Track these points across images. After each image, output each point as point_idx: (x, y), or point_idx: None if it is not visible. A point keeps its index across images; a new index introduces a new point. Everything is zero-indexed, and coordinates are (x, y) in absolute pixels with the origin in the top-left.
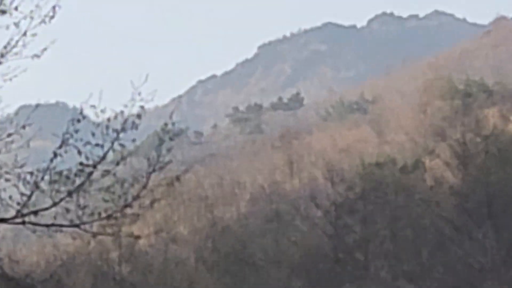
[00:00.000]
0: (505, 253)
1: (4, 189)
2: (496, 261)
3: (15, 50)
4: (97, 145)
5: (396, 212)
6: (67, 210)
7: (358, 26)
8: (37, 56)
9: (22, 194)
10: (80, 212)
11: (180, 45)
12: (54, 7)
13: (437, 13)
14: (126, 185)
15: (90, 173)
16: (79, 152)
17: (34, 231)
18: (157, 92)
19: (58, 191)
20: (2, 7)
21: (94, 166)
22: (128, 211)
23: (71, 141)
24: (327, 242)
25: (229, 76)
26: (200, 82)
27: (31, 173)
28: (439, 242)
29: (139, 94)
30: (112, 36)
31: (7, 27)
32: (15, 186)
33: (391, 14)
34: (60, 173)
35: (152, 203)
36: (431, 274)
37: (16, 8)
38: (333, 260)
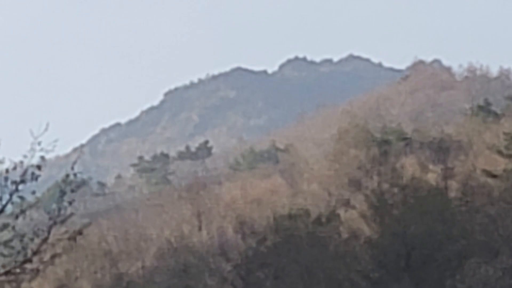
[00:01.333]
0: None
1: None
2: None
3: None
4: None
5: (310, 266)
6: None
7: (269, 71)
8: None
9: None
10: None
11: (82, 91)
12: None
13: (352, 57)
14: (25, 239)
15: None
16: None
17: None
18: (58, 142)
19: None
20: None
21: None
22: (28, 266)
23: None
24: None
25: (134, 124)
26: (103, 130)
27: None
28: None
29: (39, 143)
30: (10, 82)
31: None
32: None
33: (304, 59)
34: None
35: (53, 257)
36: None
37: None
38: None
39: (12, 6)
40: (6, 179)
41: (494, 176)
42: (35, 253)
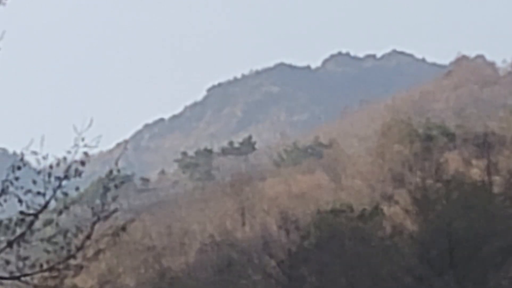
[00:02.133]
0: None
1: None
2: None
3: None
4: (38, 193)
5: (354, 261)
6: (7, 262)
7: (313, 66)
8: None
9: None
10: (20, 264)
11: (125, 87)
12: None
13: (395, 53)
14: (69, 235)
15: (31, 223)
16: (20, 201)
17: None
18: (101, 137)
19: None
20: None
21: (36, 215)
22: (72, 262)
23: (11, 189)
24: None
25: (177, 119)
26: (147, 126)
27: None
28: None
29: (83, 139)
30: (54, 79)
31: None
32: None
33: (347, 54)
34: (0, 222)
35: (96, 253)
36: None
37: None
38: None
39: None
40: (49, 175)
41: None
42: (78, 249)
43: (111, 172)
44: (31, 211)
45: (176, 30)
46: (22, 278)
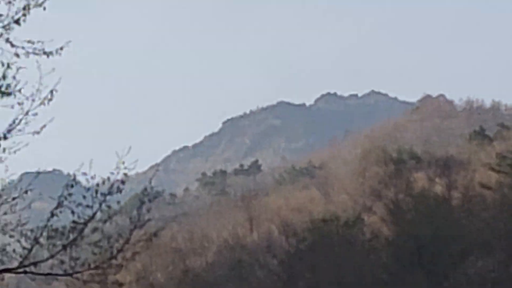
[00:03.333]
0: None
1: (9, 244)
2: None
3: (18, 127)
4: (87, 206)
5: (340, 261)
6: (62, 262)
7: (307, 104)
8: (37, 132)
9: (24, 248)
10: (72, 263)
11: (157, 119)
12: (51, 91)
13: (373, 92)
14: (111, 240)
15: (82, 230)
16: (72, 212)
17: (33, 279)
18: (137, 161)
19: (54, 245)
20: (8, 90)
21: (85, 224)
22: (113, 262)
23: (65, 203)
24: (282, 286)
25: (198, 147)
26: (174, 152)
27: (32, 230)
28: (377, 287)
29: (123, 163)
30: (101, 113)
31: (12, 107)
32: (18, 241)
33: (334, 94)
34: (56, 230)
35: (133, 255)
36: None
37: (19, 91)
38: None
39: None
40: (96, 191)
41: (488, 188)
42: (119, 251)
43: (145, 189)
44: (81, 221)
45: (197, 73)
46: (74, 275)
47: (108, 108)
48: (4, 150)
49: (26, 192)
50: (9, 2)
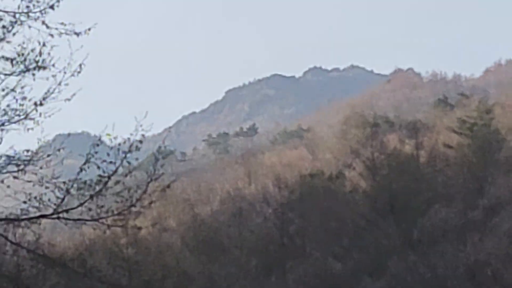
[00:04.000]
0: (403, 239)
1: (45, 194)
2: (397, 244)
3: (52, 95)
4: (110, 162)
5: (325, 209)
6: (89, 209)
7: (296, 76)
8: (68, 99)
9: (57, 198)
10: (98, 210)
11: (171, 89)
12: (80, 65)
13: (352, 66)
14: (131, 191)
15: (106, 183)
16: (98, 167)
17: (66, 224)
18: (153, 125)
19: (83, 195)
20: (44, 64)
21: (109, 178)
22: (133, 209)
23: (92, 159)
24: (275, 231)
25: (205, 112)
26: (184, 117)
27: (64, 183)
28: (356, 231)
29: (141, 125)
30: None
31: (47, 79)
32: (52, 192)
33: (320, 67)
34: (84, 182)
35: (150, 204)
36: (351, 254)
37: (53, 65)
38: (279, 244)
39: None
40: (118, 150)
41: (450, 147)
42: (137, 200)
43: (159, 148)
44: (106, 175)
45: (203, 49)
46: (100, 220)
47: (129, 79)
48: (40, 114)
49: (58, 150)
50: None
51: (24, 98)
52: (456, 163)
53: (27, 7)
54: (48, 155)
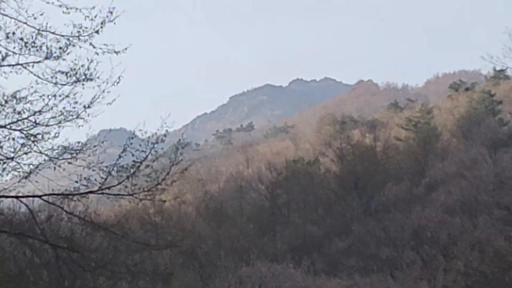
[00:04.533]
0: (363, 209)
1: (91, 175)
2: (359, 213)
3: (97, 100)
4: (142, 151)
5: (305, 187)
6: (126, 186)
7: (283, 86)
8: (109, 103)
9: (101, 178)
10: (133, 188)
11: (187, 95)
12: (119, 77)
13: (326, 78)
14: (158, 173)
15: (138, 166)
16: (132, 155)
17: (108, 198)
18: (174, 122)
19: (121, 176)
20: (91, 76)
21: (141, 163)
22: (159, 187)
23: (128, 149)
24: (267, 203)
25: (213, 113)
26: (198, 116)
27: (106, 167)
28: (328, 203)
29: (165, 123)
30: (151, 91)
31: (94, 88)
32: (98, 173)
33: (301, 79)
34: (122, 166)
35: (172, 182)
36: (324, 220)
37: (98, 77)
38: (270, 213)
39: None
40: (148, 141)
41: (400, 140)
42: (162, 180)
43: (179, 140)
44: (138, 161)
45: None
46: (134, 195)
47: (156, 86)
48: (88, 115)
49: (102, 142)
50: (91, 19)
51: (76, 103)
52: (404, 152)
53: (78, 32)
54: (94, 146)
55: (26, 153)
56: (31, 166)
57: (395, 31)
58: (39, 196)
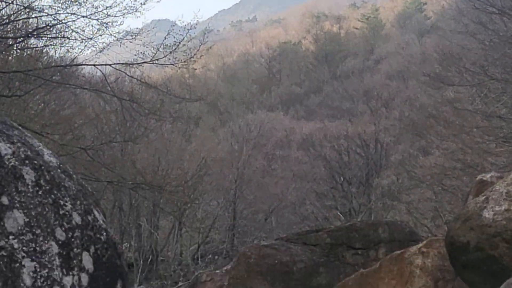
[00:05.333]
0: (331, 76)
1: (146, 51)
2: (328, 78)
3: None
4: (180, 35)
5: (291, 60)
6: (169, 59)
7: None
8: (158, 1)
9: (153, 52)
10: (174, 59)
11: None
12: None
13: None
14: (191, 49)
15: (178, 45)
16: (174, 37)
17: (157, 66)
18: (202, 15)
19: (166, 51)
20: None
21: (179, 43)
22: (192, 59)
23: (171, 33)
24: (266, 71)
25: (230, 9)
26: (219, 11)
27: (156, 45)
28: (307, 71)
29: (196, 15)
30: None
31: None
32: (150, 50)
33: None
34: (167, 45)
35: (201, 56)
36: (305, 83)
37: None
38: (267, 78)
39: None
40: (185, 28)
41: (356, 28)
42: (194, 54)
43: (205, 28)
44: (178, 41)
45: None
46: (175, 64)
47: None
48: (144, 9)
49: (153, 28)
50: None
51: (135, 0)
52: (359, 37)
53: None
54: (148, 31)
55: (100, 35)
56: (104, 44)
57: None
58: (110, 65)
